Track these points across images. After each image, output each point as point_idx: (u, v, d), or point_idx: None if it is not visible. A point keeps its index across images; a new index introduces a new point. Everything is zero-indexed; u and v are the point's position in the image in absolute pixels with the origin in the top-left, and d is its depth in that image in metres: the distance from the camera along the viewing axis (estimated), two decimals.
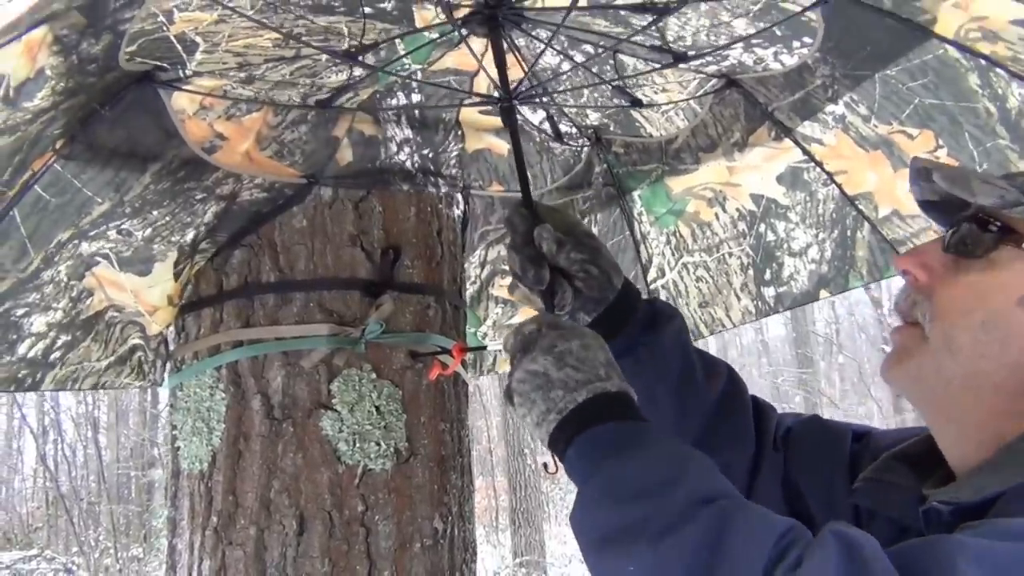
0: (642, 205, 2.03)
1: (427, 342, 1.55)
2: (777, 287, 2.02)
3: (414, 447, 1.50)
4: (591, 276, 1.20)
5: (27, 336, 1.47)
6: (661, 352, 1.21)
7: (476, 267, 2.05)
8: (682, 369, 1.22)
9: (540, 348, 1.02)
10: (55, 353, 1.53)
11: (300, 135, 1.51)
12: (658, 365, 1.20)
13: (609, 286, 1.21)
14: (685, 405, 1.21)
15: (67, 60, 1.14)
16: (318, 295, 1.49)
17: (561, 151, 1.86)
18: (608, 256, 1.23)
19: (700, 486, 0.87)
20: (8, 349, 1.46)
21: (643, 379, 1.15)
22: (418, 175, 1.62)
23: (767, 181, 1.86)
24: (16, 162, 1.20)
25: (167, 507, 1.58)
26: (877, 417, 17.01)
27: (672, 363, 1.21)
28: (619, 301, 1.22)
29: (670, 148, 1.86)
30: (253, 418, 1.46)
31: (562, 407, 0.98)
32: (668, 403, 1.20)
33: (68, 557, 11.20)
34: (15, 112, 1.13)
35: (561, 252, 1.19)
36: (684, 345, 1.24)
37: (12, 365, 1.48)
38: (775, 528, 0.79)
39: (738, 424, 1.23)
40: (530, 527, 11.61)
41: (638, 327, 1.22)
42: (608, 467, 0.93)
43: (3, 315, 1.41)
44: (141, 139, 1.37)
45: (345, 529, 1.42)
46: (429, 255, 1.61)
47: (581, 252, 1.20)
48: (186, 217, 1.48)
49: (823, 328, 18.98)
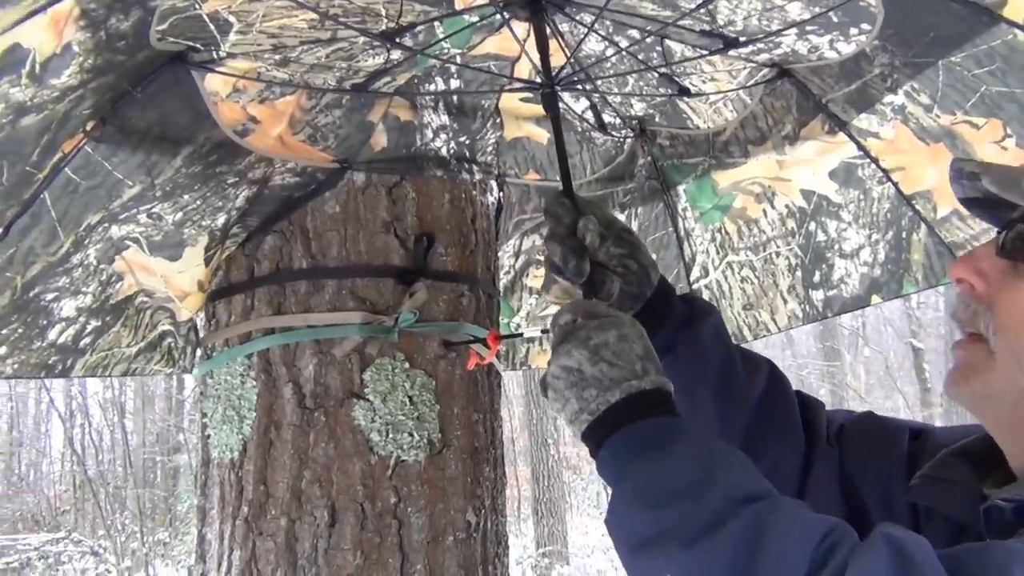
0: (687, 200, 1.97)
1: (460, 331, 1.52)
2: (827, 290, 1.94)
3: (447, 438, 1.47)
4: (630, 271, 1.16)
5: (57, 321, 1.45)
6: (700, 349, 1.17)
7: (510, 256, 2.02)
8: (722, 366, 1.18)
9: (576, 340, 0.99)
10: (85, 339, 1.51)
11: (334, 119, 1.47)
12: (697, 362, 1.17)
13: (647, 282, 1.18)
14: (727, 403, 1.17)
15: (95, 36, 1.11)
16: (351, 282, 1.46)
17: (603, 141, 1.81)
18: (646, 252, 1.20)
19: (736, 485, 0.84)
20: (39, 335, 1.44)
21: (682, 377, 1.12)
22: (452, 161, 1.59)
23: (819, 177, 1.79)
24: (45, 142, 1.18)
25: (197, 496, 1.56)
26: (904, 411, 16.85)
27: (711, 360, 1.17)
28: (656, 298, 1.18)
29: (718, 141, 1.80)
30: (284, 407, 1.43)
31: (594, 408, 0.96)
32: (709, 402, 1.16)
33: (95, 540, 11.34)
34: (42, 89, 1.11)
35: (602, 246, 1.15)
36: (723, 341, 1.20)
37: (43, 351, 1.47)
38: (817, 528, 0.76)
39: (784, 421, 1.19)
40: (552, 517, 11.61)
41: (675, 324, 1.18)
42: (640, 468, 0.90)
43: (33, 300, 1.39)
44: (173, 121, 1.34)
45: (377, 521, 1.39)
46: (463, 243, 1.58)
47: (621, 247, 1.16)
48: (217, 201, 1.46)
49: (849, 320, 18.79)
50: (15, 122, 1.12)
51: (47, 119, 1.15)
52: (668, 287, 1.22)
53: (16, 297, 1.36)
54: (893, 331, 19.65)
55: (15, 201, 1.23)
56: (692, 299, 1.23)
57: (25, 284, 1.35)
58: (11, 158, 1.16)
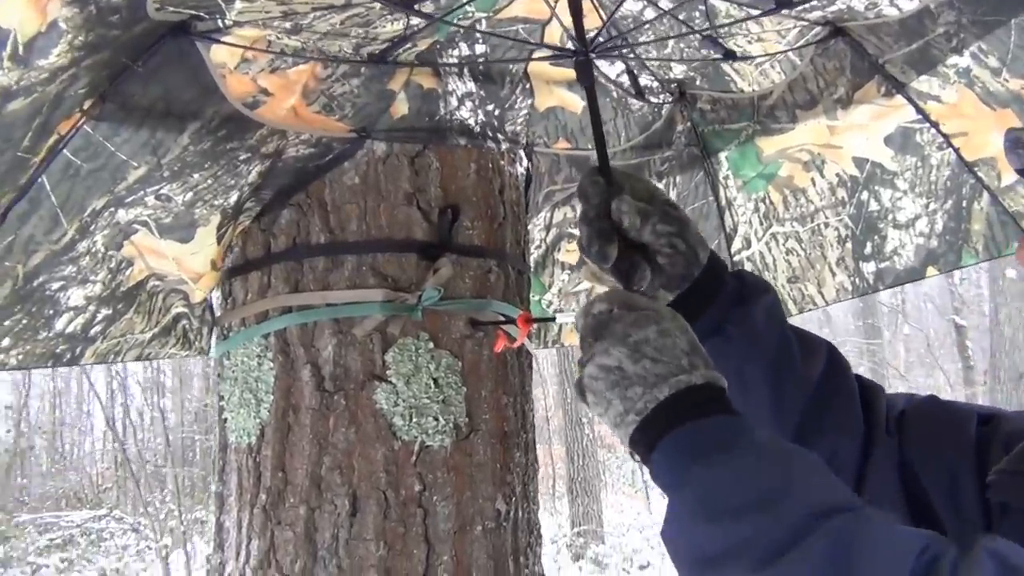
0: (729, 168, 1.86)
1: (488, 309, 1.43)
2: (878, 262, 1.83)
3: (475, 422, 1.39)
4: (677, 251, 1.06)
5: (65, 311, 1.38)
6: (752, 330, 1.07)
7: (541, 230, 1.92)
8: (777, 348, 1.08)
9: (613, 337, 0.91)
10: (96, 327, 1.44)
11: (351, 88, 1.38)
12: (750, 344, 1.07)
13: (695, 261, 1.08)
14: (782, 388, 1.08)
15: (84, 11, 1.01)
16: (371, 258, 1.38)
17: (639, 107, 1.70)
18: (694, 228, 1.10)
19: (816, 495, 0.75)
20: (45, 325, 1.37)
21: (733, 360, 1.04)
22: (477, 130, 1.50)
23: (873, 143, 1.67)
24: (36, 126, 1.09)
25: (215, 481, 1.50)
26: (946, 389, 16.57)
27: (765, 341, 1.08)
28: (705, 276, 1.09)
29: (763, 105, 1.69)
30: (303, 390, 1.36)
31: (641, 407, 0.87)
32: (762, 386, 1.07)
33: (136, 517, 11.50)
34: (28, 71, 1.02)
35: (645, 225, 1.05)
36: (778, 322, 1.11)
37: (50, 341, 1.40)
38: (912, 543, 0.68)
39: (843, 407, 1.09)
40: (588, 496, 11.57)
41: (726, 303, 1.09)
42: (702, 475, 0.81)
43: (38, 289, 1.32)
44: (178, 96, 1.25)
45: (401, 510, 1.32)
46: (490, 215, 1.49)
47: (667, 224, 1.06)
48: (229, 179, 1.38)
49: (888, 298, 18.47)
50: (1, 107, 1.03)
51: (37, 102, 1.07)
52: (719, 264, 1.12)
53: (18, 287, 1.29)
54: (934, 308, 19.30)
55: (9, 188, 1.15)
56: (744, 276, 1.13)
57: (27, 273, 1.28)
58: (0, 145, 1.09)
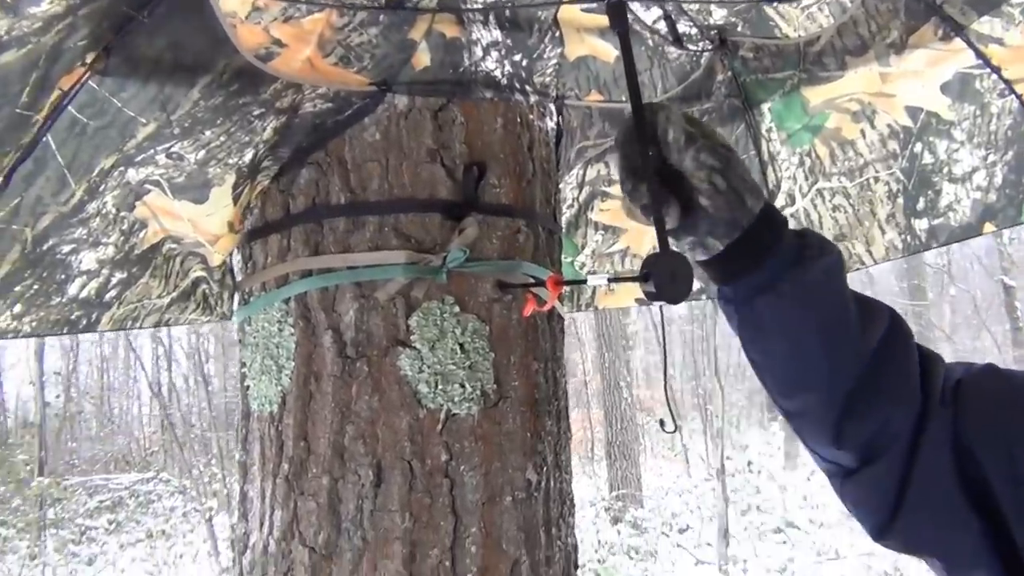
0: (772, 120, 1.76)
1: (517, 271, 1.36)
2: (931, 219, 1.73)
3: (503, 389, 1.33)
4: (718, 191, 0.98)
5: (77, 275, 1.34)
6: (809, 291, 1.00)
7: (573, 188, 1.84)
8: (834, 312, 1.01)
9: None
10: (111, 292, 1.39)
11: (370, 38, 1.31)
12: (804, 306, 1.00)
13: (741, 207, 1.00)
14: (836, 353, 1.00)
15: None
16: (393, 218, 1.31)
17: (677, 55, 1.60)
18: (744, 173, 1.01)
19: None
20: (57, 290, 1.33)
21: (786, 321, 0.98)
22: (504, 82, 1.42)
23: (928, 91, 1.56)
24: (34, 80, 1.03)
25: (238, 451, 1.46)
26: (993, 351, 16.26)
27: (822, 304, 1.01)
28: (760, 227, 1.01)
29: (810, 51, 1.58)
30: (324, 356, 1.31)
31: None
32: (816, 350, 1.00)
33: (182, 480, 11.73)
34: (18, 20, 0.96)
35: (688, 149, 0.98)
36: (837, 286, 1.03)
37: (64, 307, 1.36)
38: None
39: (900, 377, 1.02)
40: (626, 460, 11.56)
41: (784, 260, 1.01)
42: None
43: (48, 253, 1.28)
44: (186, 48, 1.18)
45: (427, 480, 1.26)
46: (518, 172, 1.41)
47: (712, 157, 0.98)
48: (243, 136, 1.31)
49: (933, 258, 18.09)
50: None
51: (32, 54, 1.01)
52: (777, 217, 1.04)
53: (27, 251, 1.24)
54: (982, 268, 18.84)
55: (11, 147, 1.10)
56: (807, 234, 1.05)
57: (36, 237, 1.24)
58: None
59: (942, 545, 1.00)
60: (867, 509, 1.05)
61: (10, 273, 1.24)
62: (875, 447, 1.01)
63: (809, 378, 1.01)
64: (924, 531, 1.01)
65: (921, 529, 1.01)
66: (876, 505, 1.03)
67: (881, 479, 1.01)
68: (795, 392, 1.05)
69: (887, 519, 1.01)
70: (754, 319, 1.03)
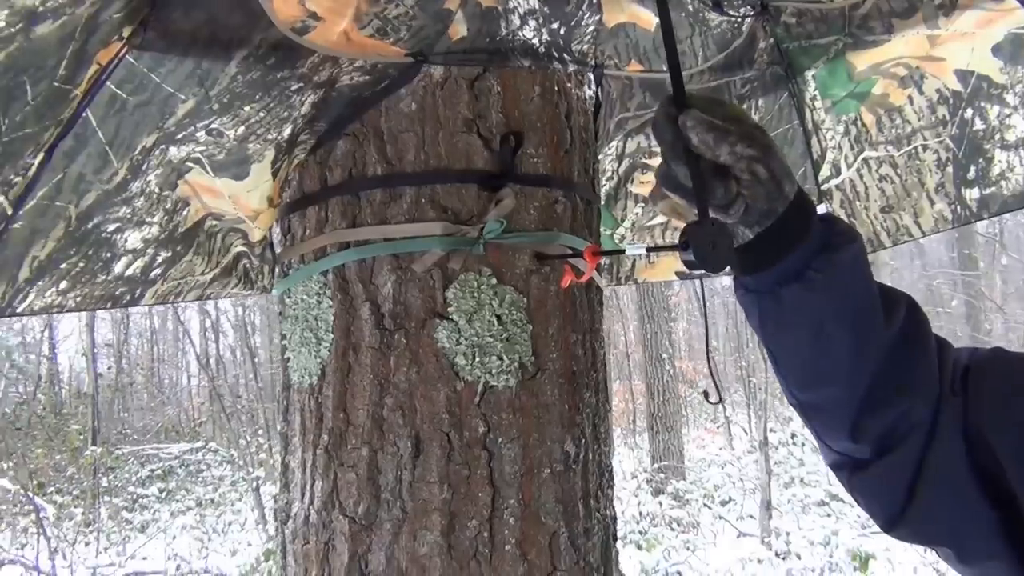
0: (816, 88, 1.72)
1: (555, 242, 1.35)
2: (983, 188, 1.67)
3: (541, 361, 1.32)
4: (758, 180, 0.95)
5: (123, 254, 1.35)
6: (837, 280, 0.97)
7: (612, 160, 1.82)
8: (860, 301, 0.98)
9: None
10: (156, 270, 1.41)
11: (406, 9, 1.29)
12: (832, 295, 0.97)
13: (779, 195, 0.96)
14: (861, 342, 0.98)
15: None
16: (430, 189, 1.31)
17: (718, 22, 1.56)
18: (780, 158, 0.98)
19: None
20: (103, 268, 1.35)
21: (813, 311, 0.96)
22: (542, 50, 1.39)
23: (979, 54, 1.50)
24: (71, 53, 1.04)
25: (279, 422, 1.48)
26: None
27: (849, 294, 0.98)
28: (790, 214, 0.97)
29: (855, 15, 1.53)
30: (362, 328, 1.31)
31: None
32: (841, 339, 0.97)
33: (230, 450, 11.97)
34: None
35: (721, 144, 0.94)
36: (864, 273, 1.00)
37: (109, 284, 1.38)
38: None
39: (920, 368, 1.00)
40: (668, 432, 11.54)
41: (812, 248, 0.98)
42: None
43: (93, 231, 1.29)
44: (223, 22, 1.17)
45: (465, 452, 1.26)
46: (556, 142, 1.39)
47: (749, 147, 0.95)
48: (282, 111, 1.31)
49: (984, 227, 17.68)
50: (27, 31, 0.97)
51: (68, 25, 1.01)
52: (806, 203, 1.00)
53: (71, 228, 1.26)
54: None
55: (51, 121, 1.11)
56: (833, 220, 1.02)
57: (80, 215, 1.25)
58: (33, 73, 1.03)
59: (955, 535, 0.98)
60: (878, 501, 1.03)
61: (55, 250, 1.26)
62: (892, 439, 0.99)
63: (831, 371, 0.99)
64: (936, 521, 0.99)
65: (933, 519, 0.99)
66: (888, 496, 1.01)
67: (895, 470, 0.99)
68: (815, 385, 1.02)
69: (899, 510, 1.00)
70: (778, 310, 1.00)
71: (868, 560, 6.73)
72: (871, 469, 1.01)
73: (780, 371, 1.05)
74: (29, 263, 1.24)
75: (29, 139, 1.09)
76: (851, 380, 0.98)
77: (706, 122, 0.94)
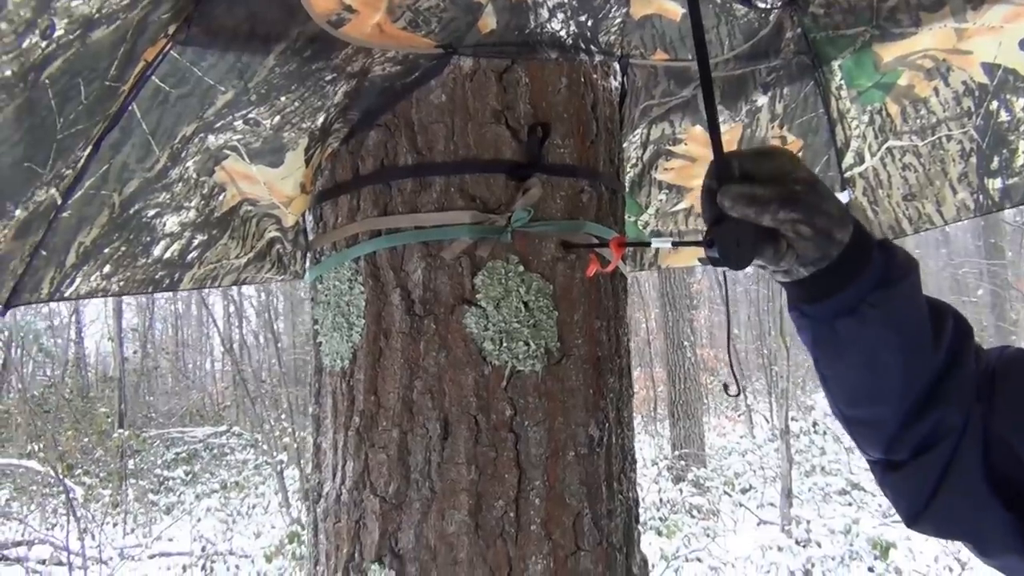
0: (842, 77, 1.73)
1: (581, 230, 1.38)
2: (1006, 178, 1.68)
3: (566, 347, 1.35)
4: (803, 237, 0.97)
5: (161, 237, 1.40)
6: (892, 314, 0.99)
7: (637, 147, 1.84)
8: (913, 331, 1.00)
9: None
10: (192, 253, 1.46)
11: (437, 2, 1.32)
12: (886, 328, 0.99)
13: (830, 243, 0.98)
14: (912, 367, 1.00)
15: None
16: (459, 179, 1.34)
17: (745, 12, 1.58)
18: (829, 206, 0.98)
19: None
20: (143, 251, 1.40)
21: (867, 343, 0.98)
22: (569, 42, 1.42)
23: (1007, 47, 1.52)
24: (122, 54, 1.08)
25: (311, 404, 1.52)
26: None
27: (903, 326, 1.00)
28: (849, 252, 0.99)
29: (883, 7, 1.54)
30: (393, 314, 1.35)
31: None
32: (895, 366, 1.00)
33: (253, 434, 12.11)
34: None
35: (763, 214, 0.96)
36: (918, 304, 1.02)
37: (149, 267, 1.43)
38: None
39: (961, 380, 1.02)
40: (689, 420, 11.55)
41: (869, 283, 0.99)
42: None
43: (134, 217, 1.34)
44: (262, 17, 1.22)
45: (492, 435, 1.30)
46: (583, 132, 1.42)
47: (792, 210, 0.96)
48: (316, 101, 1.35)
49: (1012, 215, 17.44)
50: (84, 37, 1.02)
51: (121, 29, 1.05)
52: (865, 239, 1.01)
53: (115, 215, 1.31)
54: None
55: (100, 117, 1.15)
56: (893, 252, 1.03)
57: (123, 201, 1.30)
58: (87, 75, 1.07)
59: (973, 531, 1.01)
60: (905, 497, 1.05)
61: (99, 236, 1.31)
62: (927, 443, 1.01)
63: (882, 393, 1.01)
64: (954, 521, 1.02)
65: (952, 519, 1.02)
66: (914, 494, 1.03)
67: (924, 471, 1.01)
68: (863, 404, 1.05)
69: (921, 508, 1.02)
70: (833, 339, 1.02)
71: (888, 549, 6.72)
72: (903, 470, 1.04)
73: (829, 390, 1.07)
74: (76, 249, 1.29)
75: (80, 134, 1.13)
76: (900, 400, 1.01)
77: (745, 197, 0.96)
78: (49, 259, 1.28)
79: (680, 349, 11.82)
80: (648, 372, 16.81)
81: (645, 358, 17.01)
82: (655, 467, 11.07)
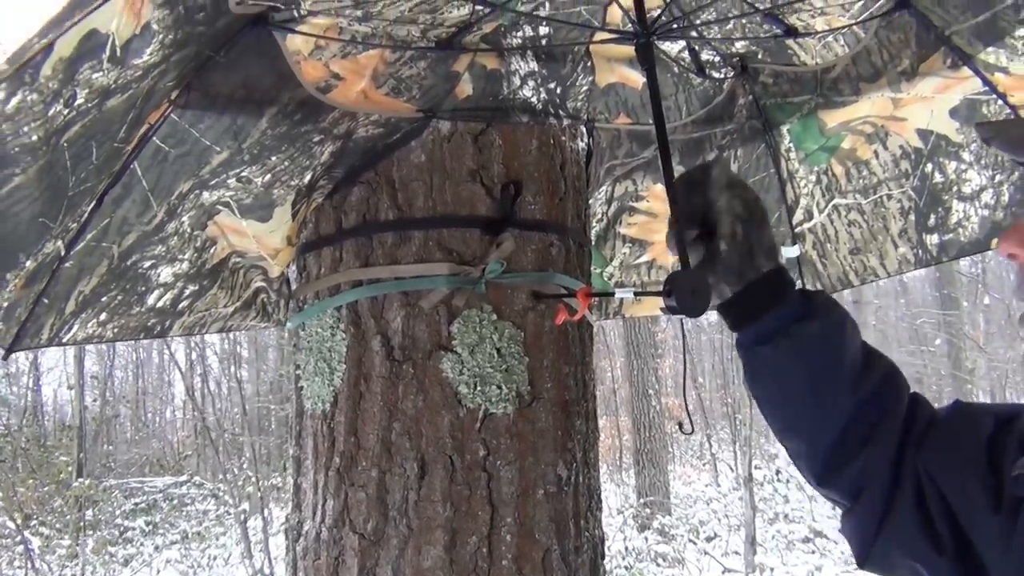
0: (791, 140, 1.87)
1: (550, 282, 1.48)
2: (942, 234, 1.83)
3: (536, 391, 1.44)
4: (736, 238, 1.11)
5: (155, 287, 1.48)
6: (802, 346, 1.10)
7: (602, 204, 1.96)
8: (822, 368, 1.10)
9: None
10: (183, 302, 1.54)
11: (418, 71, 1.44)
12: (797, 359, 1.10)
13: (750, 263, 1.12)
14: (821, 405, 1.10)
15: (173, 11, 1.09)
16: (437, 233, 1.44)
17: (701, 81, 1.72)
18: (766, 236, 1.13)
19: None
20: (138, 300, 1.47)
21: (779, 371, 1.09)
22: (539, 107, 1.54)
23: (938, 115, 1.66)
24: (131, 119, 1.18)
25: (291, 446, 1.59)
26: None
27: (814, 361, 1.10)
28: (763, 285, 1.13)
29: (826, 78, 1.69)
30: (373, 359, 1.43)
31: None
32: (802, 400, 1.11)
33: (215, 484, 11.92)
34: (125, 71, 1.10)
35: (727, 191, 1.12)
36: (836, 342, 1.11)
37: (142, 315, 1.50)
38: None
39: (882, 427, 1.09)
40: (654, 468, 11.58)
41: (787, 316, 1.11)
42: None
43: (131, 268, 1.42)
44: (257, 84, 1.32)
45: (467, 474, 1.38)
46: (552, 190, 1.53)
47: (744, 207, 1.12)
48: (304, 160, 1.45)
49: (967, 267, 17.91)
50: (101, 105, 1.12)
51: (132, 97, 1.15)
52: (784, 279, 1.15)
53: (114, 266, 1.39)
54: None
55: (106, 175, 1.25)
56: (812, 295, 1.15)
57: (122, 253, 1.38)
58: (99, 138, 1.17)
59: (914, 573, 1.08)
60: (854, 540, 1.13)
61: (98, 285, 1.38)
62: (858, 488, 1.10)
63: (797, 425, 1.12)
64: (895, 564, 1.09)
65: (891, 563, 1.09)
66: (860, 537, 1.11)
67: (865, 515, 1.09)
68: (784, 435, 1.15)
69: (866, 551, 1.10)
70: (755, 364, 1.14)
71: None
72: (851, 513, 1.12)
73: (764, 415, 1.18)
74: (76, 297, 1.36)
75: (88, 191, 1.22)
76: (812, 438, 1.11)
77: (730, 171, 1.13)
78: (51, 307, 1.35)
79: (645, 397, 11.90)
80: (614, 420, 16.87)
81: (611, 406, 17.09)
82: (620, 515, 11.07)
